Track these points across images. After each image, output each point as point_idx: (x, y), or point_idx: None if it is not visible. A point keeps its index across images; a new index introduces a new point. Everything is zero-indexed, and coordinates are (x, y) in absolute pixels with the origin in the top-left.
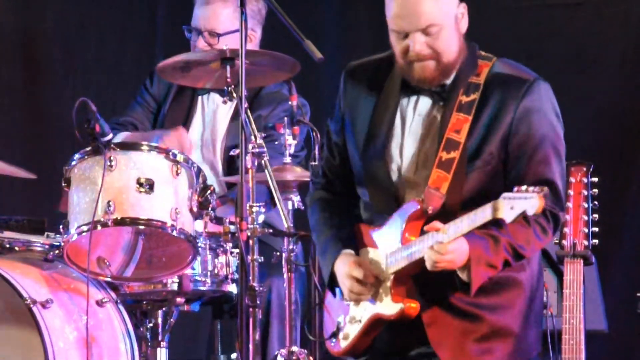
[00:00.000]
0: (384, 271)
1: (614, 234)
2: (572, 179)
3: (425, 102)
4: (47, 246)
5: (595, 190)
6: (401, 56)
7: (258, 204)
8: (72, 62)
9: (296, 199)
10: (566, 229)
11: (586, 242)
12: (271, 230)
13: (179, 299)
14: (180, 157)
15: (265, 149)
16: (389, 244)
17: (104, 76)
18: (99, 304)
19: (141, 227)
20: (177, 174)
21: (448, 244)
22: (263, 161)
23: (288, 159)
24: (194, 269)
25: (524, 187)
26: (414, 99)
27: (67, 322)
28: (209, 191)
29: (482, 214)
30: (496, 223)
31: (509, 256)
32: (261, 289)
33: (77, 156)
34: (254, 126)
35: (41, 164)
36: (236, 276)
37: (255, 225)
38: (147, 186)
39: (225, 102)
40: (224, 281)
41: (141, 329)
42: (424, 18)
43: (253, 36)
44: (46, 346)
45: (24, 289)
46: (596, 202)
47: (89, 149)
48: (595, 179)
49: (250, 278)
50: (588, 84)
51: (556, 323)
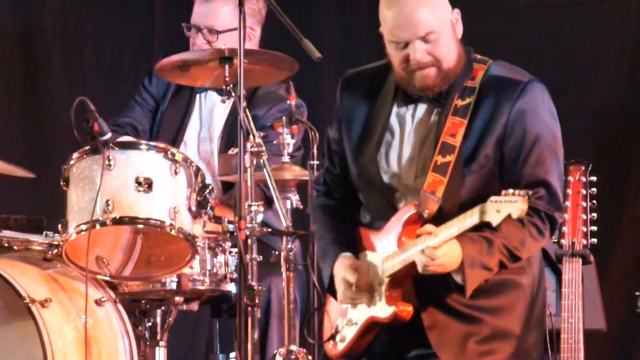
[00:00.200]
0: (380, 274)
1: (612, 233)
2: (571, 178)
3: (423, 109)
4: (45, 245)
5: (594, 189)
6: (401, 66)
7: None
8: (71, 61)
9: (295, 198)
10: (565, 228)
11: (585, 241)
12: (270, 230)
13: (177, 298)
14: (178, 156)
15: (264, 148)
16: (386, 248)
17: (102, 76)
18: (98, 303)
19: (140, 226)
20: (176, 173)
21: (438, 248)
22: (262, 160)
23: (286, 158)
24: (192, 268)
25: (510, 191)
26: (412, 106)
27: (65, 321)
28: (207, 190)
29: (470, 218)
30: (489, 225)
31: (504, 257)
32: (260, 288)
33: (75, 155)
34: (252, 125)
35: (40, 163)
36: (235, 275)
37: (254, 224)
38: (146, 185)
39: (223, 102)
40: (222, 280)
41: (140, 328)
42: (422, 26)
43: (252, 35)
44: (45, 345)
45: (22, 288)
46: (595, 201)
47: (87, 148)
48: (594, 178)
49: (249, 277)
50: (586, 83)
51: (555, 322)
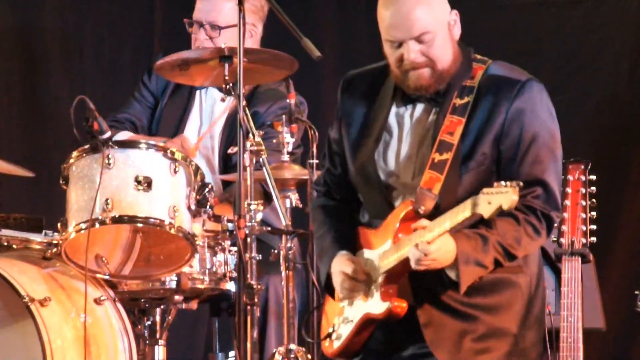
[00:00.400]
0: (376, 271)
1: (611, 232)
2: (570, 177)
3: (422, 109)
4: (45, 244)
5: (593, 188)
6: (396, 65)
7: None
8: (70, 60)
9: (294, 196)
10: (564, 227)
11: (584, 240)
12: (269, 228)
13: (177, 297)
14: (178, 155)
15: (264, 147)
16: (383, 245)
17: (101, 74)
18: (97, 302)
19: (139, 225)
20: (175, 172)
21: (432, 243)
22: (261, 159)
23: (286, 157)
24: (192, 267)
25: (503, 183)
26: (410, 106)
27: (65, 320)
28: (207, 189)
29: (462, 211)
30: (485, 222)
31: (499, 255)
32: (259, 287)
33: (75, 154)
34: (252, 124)
35: (39, 162)
36: (234, 274)
37: (254, 223)
38: (145, 184)
39: (223, 100)
40: (222, 279)
41: (139, 326)
42: (417, 26)
43: (254, 32)
44: (44, 344)
45: (22, 287)
46: (594, 200)
47: (87, 146)
48: (593, 177)
49: (249, 276)
50: (586, 82)
51: (554, 321)
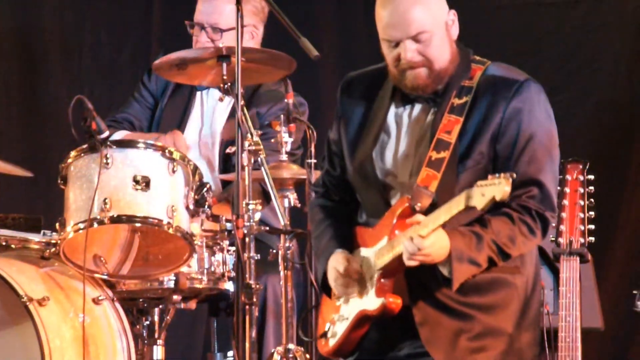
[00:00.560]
0: (372, 268)
1: (610, 232)
2: (568, 177)
3: (420, 109)
4: (43, 244)
5: (592, 188)
6: (393, 65)
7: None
8: (69, 60)
9: (292, 196)
10: (562, 227)
11: (582, 240)
12: (268, 228)
13: (175, 297)
14: (176, 155)
15: (262, 147)
16: (380, 242)
17: (100, 74)
18: (96, 301)
19: (137, 224)
20: (174, 171)
21: (426, 237)
22: (260, 159)
23: (284, 157)
24: (190, 266)
25: (497, 175)
26: (409, 106)
27: (63, 319)
28: (205, 189)
29: (456, 204)
30: (480, 221)
31: (493, 254)
32: (258, 286)
33: (73, 154)
34: (250, 123)
35: (38, 162)
36: (233, 274)
37: (252, 222)
38: (144, 184)
39: (221, 100)
40: (220, 279)
41: (137, 326)
42: (414, 25)
43: (255, 33)
44: (42, 344)
45: (20, 287)
46: (592, 200)
47: (85, 146)
48: (592, 177)
49: (247, 276)
50: (584, 82)
51: (552, 320)
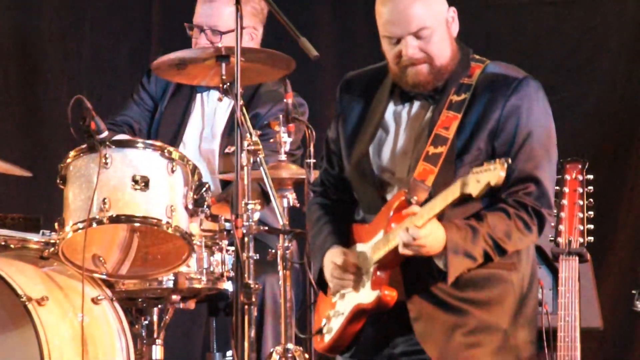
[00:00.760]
0: (369, 262)
1: (609, 232)
2: (568, 176)
3: (419, 106)
4: (42, 244)
5: (591, 188)
6: (394, 62)
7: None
8: (68, 60)
9: (292, 196)
10: (561, 226)
11: (581, 240)
12: (267, 228)
13: (174, 297)
14: (175, 155)
15: (261, 147)
16: (376, 237)
17: (99, 74)
18: (95, 301)
19: (136, 224)
20: (173, 171)
21: (422, 227)
22: (259, 159)
23: (283, 157)
24: (189, 266)
25: (492, 161)
26: (408, 104)
27: (62, 319)
28: (204, 188)
29: (452, 192)
30: (476, 216)
31: (489, 248)
32: (257, 286)
33: (72, 154)
34: (249, 123)
35: (37, 161)
36: (232, 274)
37: (251, 222)
38: (143, 184)
39: (220, 100)
40: (219, 279)
41: (136, 326)
42: (415, 22)
43: (255, 35)
44: (41, 343)
45: (19, 287)
46: (591, 200)
47: (84, 146)
48: (591, 176)
49: (246, 275)
50: (583, 81)
51: (551, 320)
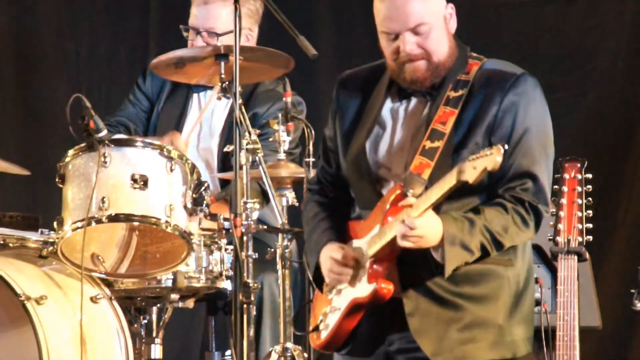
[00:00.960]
0: (365, 257)
1: (608, 231)
2: (566, 175)
3: (416, 103)
4: (41, 243)
5: (589, 187)
6: (392, 58)
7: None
8: (66, 59)
9: (290, 195)
10: (560, 225)
11: (580, 239)
12: (265, 227)
13: (173, 296)
14: (174, 154)
15: (260, 146)
16: (372, 231)
17: (97, 73)
18: (93, 300)
19: (135, 223)
20: (172, 170)
21: (418, 217)
22: (257, 158)
23: (282, 156)
24: (188, 265)
25: (487, 148)
26: (405, 101)
27: (61, 318)
28: (203, 187)
29: (448, 180)
30: (473, 210)
31: (486, 241)
32: (255, 285)
33: (71, 152)
34: (248, 122)
35: (35, 160)
36: (230, 273)
37: (250, 221)
38: (142, 182)
39: (219, 99)
40: (218, 278)
41: (135, 325)
42: (412, 18)
43: (250, 36)
44: (40, 342)
45: (18, 286)
46: (590, 199)
47: (83, 145)
48: (590, 175)
49: (245, 274)
50: (582, 80)
51: (550, 319)
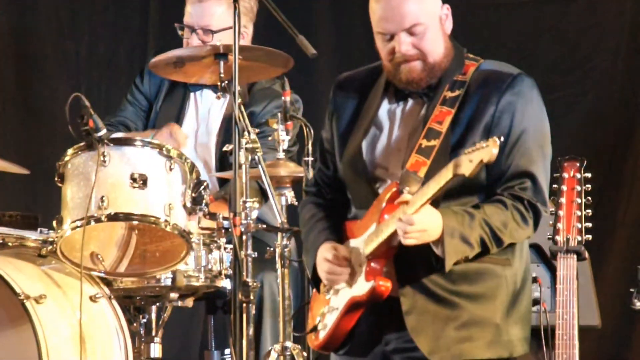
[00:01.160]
0: (362, 256)
1: (607, 230)
2: (566, 175)
3: (413, 104)
4: (40, 242)
5: (589, 186)
6: (388, 59)
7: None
8: (66, 58)
9: (290, 194)
10: (559, 225)
11: (579, 238)
12: (265, 226)
13: (172, 295)
14: (173, 153)
15: (259, 145)
16: (369, 230)
17: (96, 72)
18: (93, 299)
19: (135, 222)
20: (171, 169)
21: (415, 213)
22: (257, 157)
23: (281, 155)
24: (187, 264)
25: (483, 141)
26: (402, 103)
27: (60, 317)
28: (202, 187)
29: (444, 174)
30: (473, 206)
31: (485, 235)
32: (255, 284)
33: (70, 151)
34: (247, 121)
35: (35, 159)
36: (230, 272)
37: (249, 220)
38: (141, 182)
39: (219, 98)
40: (217, 277)
41: (134, 324)
42: (408, 18)
43: (245, 33)
44: (39, 341)
45: (17, 285)
46: (589, 198)
47: (82, 144)
48: (589, 175)
49: (244, 273)
50: (582, 80)
51: (550, 318)
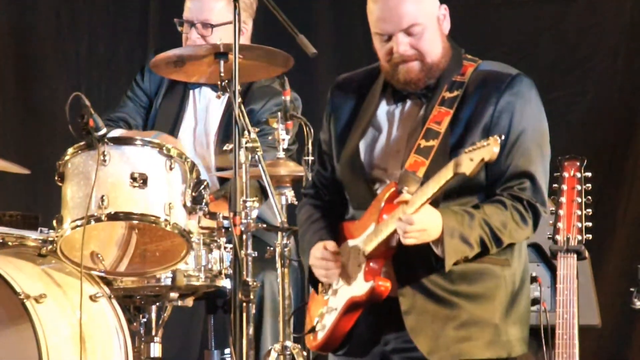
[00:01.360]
0: (361, 256)
1: (607, 229)
2: (566, 174)
3: (412, 105)
4: (40, 241)
5: (589, 185)
6: (385, 59)
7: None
8: (65, 58)
9: (290, 194)
10: (559, 224)
11: (580, 237)
12: (265, 225)
13: (172, 294)
14: (173, 152)
15: (259, 144)
16: (367, 230)
17: (96, 72)
18: (93, 299)
19: (135, 221)
20: (171, 168)
21: (415, 213)
22: (257, 156)
23: (282, 154)
24: (187, 264)
25: (483, 139)
26: (401, 104)
27: (60, 317)
28: (202, 186)
29: (444, 172)
30: (473, 207)
31: (485, 235)
32: (255, 283)
33: (70, 151)
34: (247, 120)
35: (35, 159)
36: (230, 271)
37: (249, 220)
38: (141, 181)
39: (219, 97)
40: (217, 276)
41: (134, 324)
42: (405, 18)
43: (245, 29)
44: (39, 341)
45: (17, 284)
46: (589, 197)
47: (82, 143)
48: (589, 174)
49: (244, 273)
50: (581, 79)
51: (550, 318)
